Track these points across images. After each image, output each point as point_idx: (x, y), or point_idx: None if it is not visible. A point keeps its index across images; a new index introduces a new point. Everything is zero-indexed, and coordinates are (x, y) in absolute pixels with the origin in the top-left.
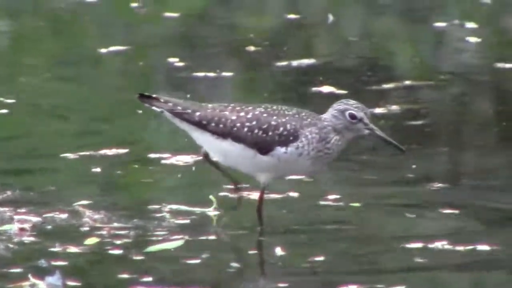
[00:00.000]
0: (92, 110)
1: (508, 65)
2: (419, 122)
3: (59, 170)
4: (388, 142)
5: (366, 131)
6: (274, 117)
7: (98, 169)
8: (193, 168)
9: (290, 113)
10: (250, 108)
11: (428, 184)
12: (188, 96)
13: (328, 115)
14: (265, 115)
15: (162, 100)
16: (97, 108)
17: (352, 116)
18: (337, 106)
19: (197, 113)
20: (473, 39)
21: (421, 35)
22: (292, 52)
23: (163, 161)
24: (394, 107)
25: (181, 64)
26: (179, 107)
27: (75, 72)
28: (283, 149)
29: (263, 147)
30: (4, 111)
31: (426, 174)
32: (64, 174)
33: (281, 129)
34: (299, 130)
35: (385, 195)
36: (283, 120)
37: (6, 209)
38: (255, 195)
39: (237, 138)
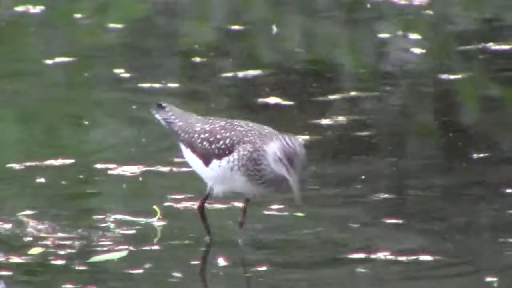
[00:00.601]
0: (37, 121)
1: (451, 77)
2: (365, 133)
3: (3, 180)
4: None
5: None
6: (223, 132)
7: (43, 180)
8: (140, 179)
9: (243, 129)
10: (217, 122)
11: (374, 195)
12: (134, 107)
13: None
14: (220, 129)
15: (167, 109)
16: (42, 119)
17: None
18: (283, 140)
19: (178, 123)
20: (417, 50)
21: (364, 46)
22: (237, 63)
23: (109, 172)
24: (340, 118)
25: (126, 75)
26: (172, 117)
27: (19, 84)
28: (218, 162)
29: (206, 158)
30: None
31: (373, 185)
32: (8, 185)
33: (221, 142)
34: (235, 145)
35: (329, 204)
36: (227, 134)
37: None
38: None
39: (192, 148)
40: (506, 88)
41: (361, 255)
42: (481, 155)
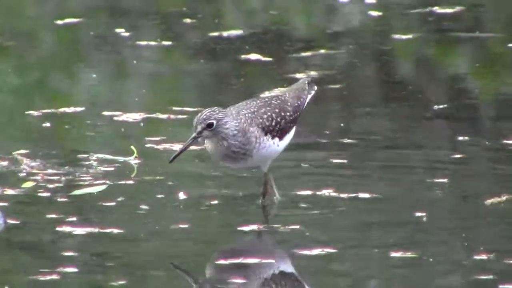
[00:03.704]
0: (51, 74)
1: (403, 36)
2: (337, 86)
3: (4, 124)
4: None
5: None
6: None
7: (48, 124)
8: (141, 124)
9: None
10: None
11: (342, 140)
12: (135, 62)
13: None
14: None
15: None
16: (55, 72)
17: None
18: None
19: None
20: (374, 13)
21: (321, 9)
22: (205, 24)
23: (114, 118)
24: (313, 73)
25: (127, 33)
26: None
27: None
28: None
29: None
30: None
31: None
32: (3, 128)
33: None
34: None
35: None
36: None
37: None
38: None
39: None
40: (443, 46)
41: (308, 192)
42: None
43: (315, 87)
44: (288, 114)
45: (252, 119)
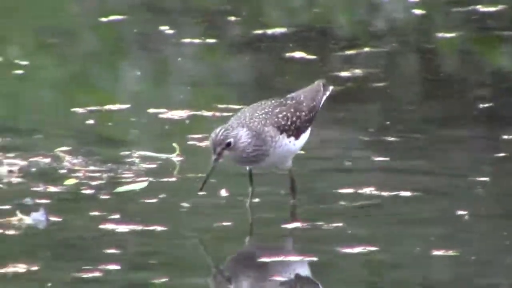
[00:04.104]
0: (96, 71)
1: (447, 35)
2: (381, 84)
3: (43, 122)
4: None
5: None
6: None
7: (92, 121)
8: (187, 122)
9: None
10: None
11: (385, 138)
12: (179, 59)
13: None
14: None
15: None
16: (101, 68)
17: None
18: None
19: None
20: (417, 11)
21: (364, 7)
22: (251, 21)
23: (159, 116)
24: (357, 71)
25: (171, 31)
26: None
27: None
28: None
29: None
30: None
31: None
32: (46, 125)
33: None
34: None
35: (325, 144)
36: None
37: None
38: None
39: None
40: (486, 44)
41: (349, 190)
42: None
43: (330, 88)
44: (303, 114)
45: (267, 119)
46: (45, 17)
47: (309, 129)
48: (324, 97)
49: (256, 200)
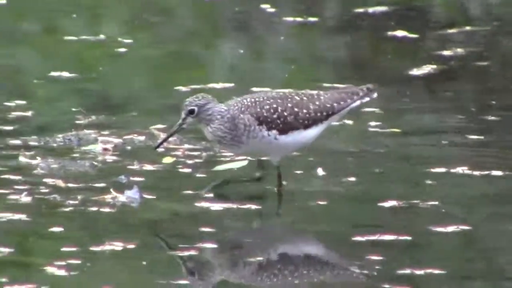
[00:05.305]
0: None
1: None
2: (483, 63)
3: (138, 99)
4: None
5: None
6: None
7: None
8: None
9: None
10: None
11: (486, 117)
12: (282, 38)
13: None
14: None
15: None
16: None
17: None
18: None
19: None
20: None
21: None
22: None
23: None
24: (459, 50)
25: (272, 9)
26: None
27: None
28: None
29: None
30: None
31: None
32: (142, 103)
33: None
34: None
35: (424, 123)
36: None
37: (91, 131)
38: None
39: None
40: None
41: (442, 169)
42: None
43: (375, 95)
44: (304, 111)
45: (249, 107)
46: None
47: (316, 129)
48: (359, 102)
49: (353, 178)
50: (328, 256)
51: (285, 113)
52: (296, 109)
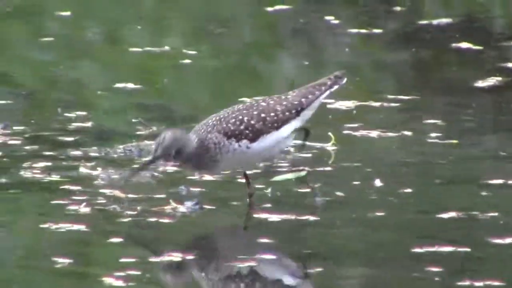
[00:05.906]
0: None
1: None
2: None
3: (200, 110)
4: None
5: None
6: None
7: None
8: (354, 112)
9: None
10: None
11: None
12: (347, 50)
13: None
14: None
15: None
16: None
17: None
18: None
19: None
20: None
21: None
22: (414, 11)
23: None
24: None
25: (336, 21)
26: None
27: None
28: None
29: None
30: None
31: None
32: (204, 114)
33: None
34: None
35: (485, 135)
36: None
37: (152, 142)
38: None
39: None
40: None
41: (500, 181)
42: None
43: (343, 81)
44: (272, 114)
45: (215, 126)
46: (205, 4)
47: (289, 126)
48: (328, 91)
49: (410, 189)
50: (387, 267)
51: (252, 122)
52: (263, 115)
